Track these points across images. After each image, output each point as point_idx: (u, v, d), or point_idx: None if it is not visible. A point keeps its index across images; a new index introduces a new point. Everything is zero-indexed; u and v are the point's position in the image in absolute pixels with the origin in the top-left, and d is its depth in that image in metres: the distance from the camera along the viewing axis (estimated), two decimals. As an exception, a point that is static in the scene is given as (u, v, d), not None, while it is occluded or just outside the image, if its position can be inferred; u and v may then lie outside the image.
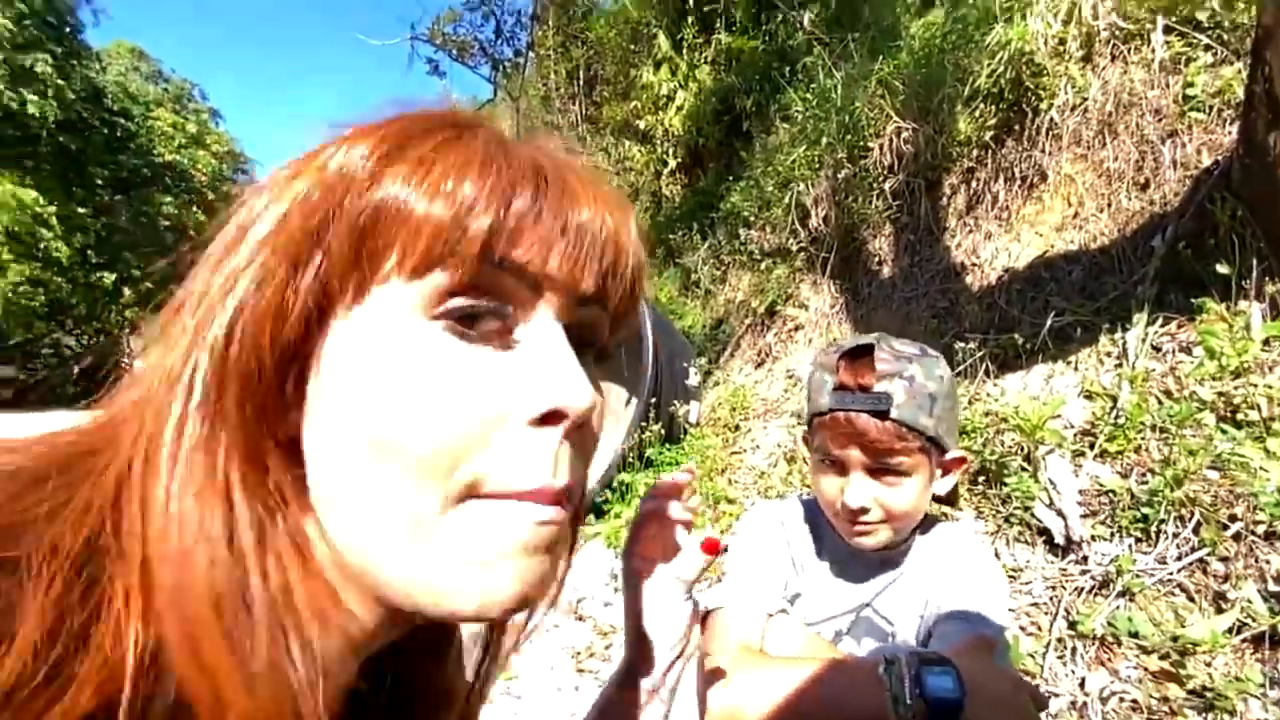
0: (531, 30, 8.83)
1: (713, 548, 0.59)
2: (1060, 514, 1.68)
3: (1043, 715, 0.74)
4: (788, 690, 0.73)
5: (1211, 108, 2.25)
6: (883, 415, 0.80)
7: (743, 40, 6.04)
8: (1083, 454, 1.80)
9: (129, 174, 13.32)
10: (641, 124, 6.93)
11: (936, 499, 0.92)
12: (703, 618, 0.91)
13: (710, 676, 0.81)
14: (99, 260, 12.82)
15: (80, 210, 11.94)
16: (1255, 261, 1.81)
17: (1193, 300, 1.92)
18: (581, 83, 8.34)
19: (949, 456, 0.87)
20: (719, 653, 0.83)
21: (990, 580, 0.87)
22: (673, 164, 6.81)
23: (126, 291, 13.68)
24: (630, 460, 2.96)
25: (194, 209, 14.97)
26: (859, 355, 0.84)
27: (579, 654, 1.95)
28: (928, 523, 0.95)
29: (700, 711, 0.80)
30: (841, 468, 0.86)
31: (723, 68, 6.29)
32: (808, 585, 0.96)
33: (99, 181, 12.49)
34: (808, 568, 0.97)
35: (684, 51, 6.57)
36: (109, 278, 13.05)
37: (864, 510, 0.84)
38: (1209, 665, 1.25)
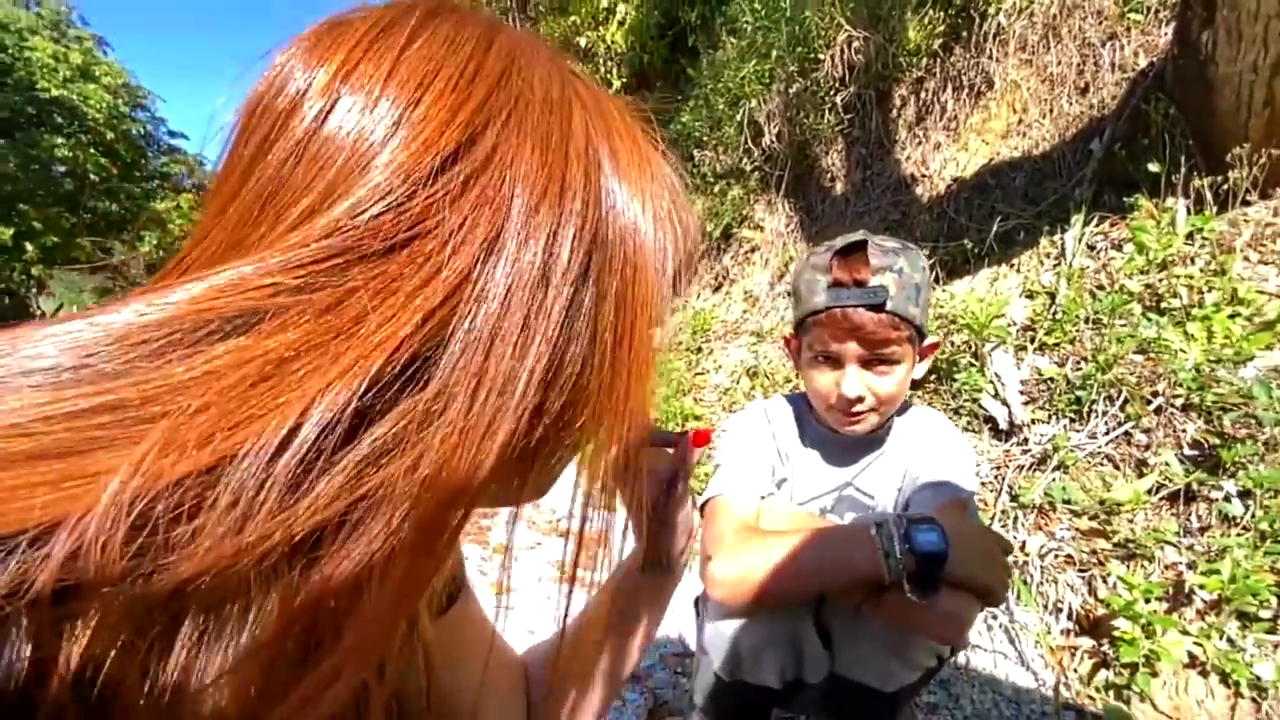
0: (456, -63, 8.10)
1: (703, 438, 0.63)
2: (1004, 403, 1.82)
3: (1009, 559, 0.85)
4: (787, 557, 0.81)
5: (1149, 8, 2.31)
6: (879, 308, 0.85)
7: (685, -54, 5.73)
8: (1024, 348, 1.94)
9: (11, 113, 11.94)
10: (582, 41, 6.57)
11: (911, 384, 1.00)
12: (701, 506, 0.98)
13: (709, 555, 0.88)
14: (-9, 213, 11.65)
15: (-42, 157, 10.71)
16: (1184, 159, 1.92)
17: (1125, 200, 2.03)
18: (515, -4, 7.80)
19: (926, 343, 0.94)
20: (718, 534, 0.90)
21: (959, 452, 0.96)
22: (617, 84, 6.54)
23: (29, 247, 12.54)
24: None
25: (91, 150, 13.60)
26: (852, 252, 0.88)
27: (564, 565, 2.05)
28: (903, 406, 1.03)
29: (704, 584, 0.88)
30: (836, 362, 0.91)
31: (665, -23, 5.98)
32: (794, 470, 1.03)
33: (-25, 122, 11.16)
34: (793, 455, 1.04)
35: (623, -40, 6.20)
36: (5, 232, 11.89)
37: (859, 399, 0.90)
38: (1131, 521, 1.42)
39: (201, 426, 0.24)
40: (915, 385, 1.05)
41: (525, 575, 2.00)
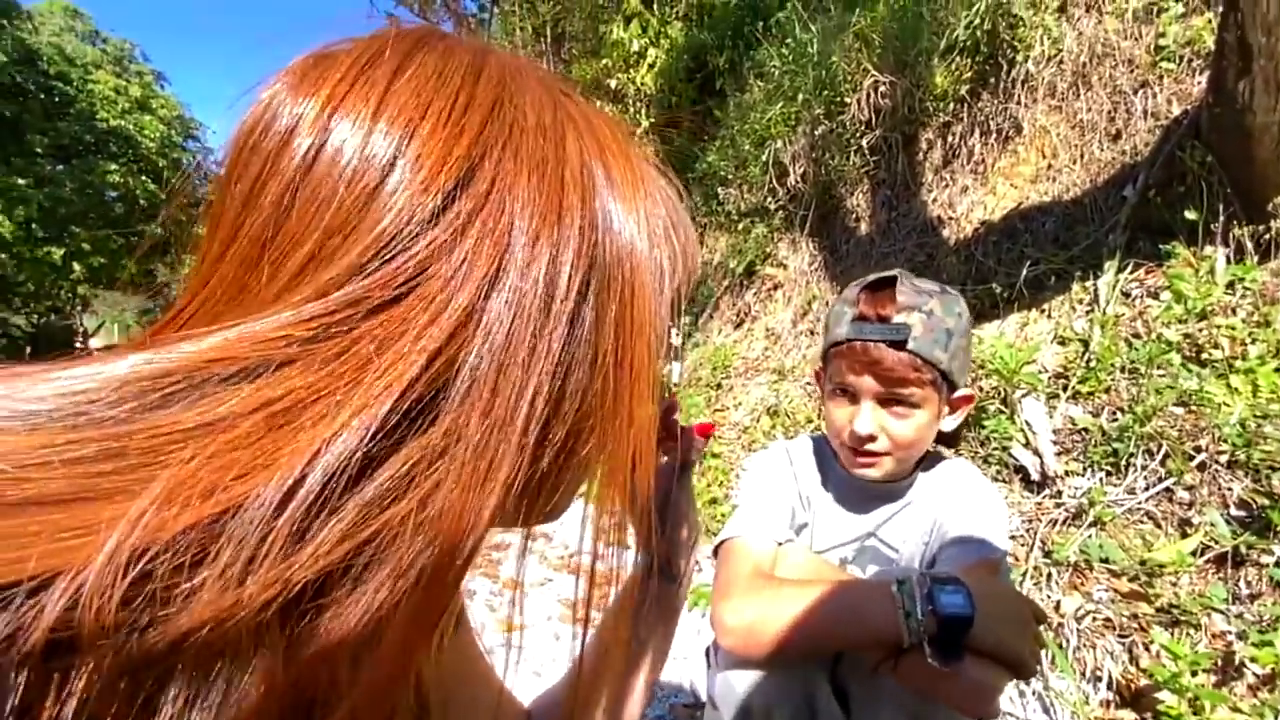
0: (495, -16, 8.50)
1: (706, 430, 0.61)
2: (1036, 452, 1.75)
3: (1041, 628, 0.79)
4: (802, 608, 0.77)
5: (1182, 58, 2.29)
6: (899, 345, 0.83)
7: (714, -6, 5.90)
8: (1057, 396, 1.87)
9: (70, 141, 12.63)
10: (612, 83, 6.76)
11: (940, 438, 0.96)
12: (716, 547, 0.94)
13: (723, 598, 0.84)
14: (44, 234, 12.19)
15: (20, 181, 11.29)
16: (1222, 208, 1.88)
17: (1161, 247, 1.98)
18: (549, 40, 8.08)
19: (957, 394, 0.91)
20: (731, 578, 0.86)
21: (992, 508, 0.91)
22: (645, 124, 6.69)
23: (76, 266, 13.10)
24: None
25: (142, 177, 14.27)
26: (880, 287, 0.87)
27: (575, 604, 2.00)
28: (931, 459, 0.98)
29: (714, 629, 0.84)
30: (853, 396, 0.88)
31: (694, 23, 6.15)
32: (815, 516, 0.99)
33: (39, 150, 11.81)
34: (815, 500, 1.00)
35: (654, 7, 6.40)
36: (57, 252, 12.44)
37: (871, 438, 0.87)
38: (1175, 585, 1.34)
39: (205, 477, 0.23)
40: (948, 441, 1.00)
41: (535, 613, 1.95)
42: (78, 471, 0.22)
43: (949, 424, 0.93)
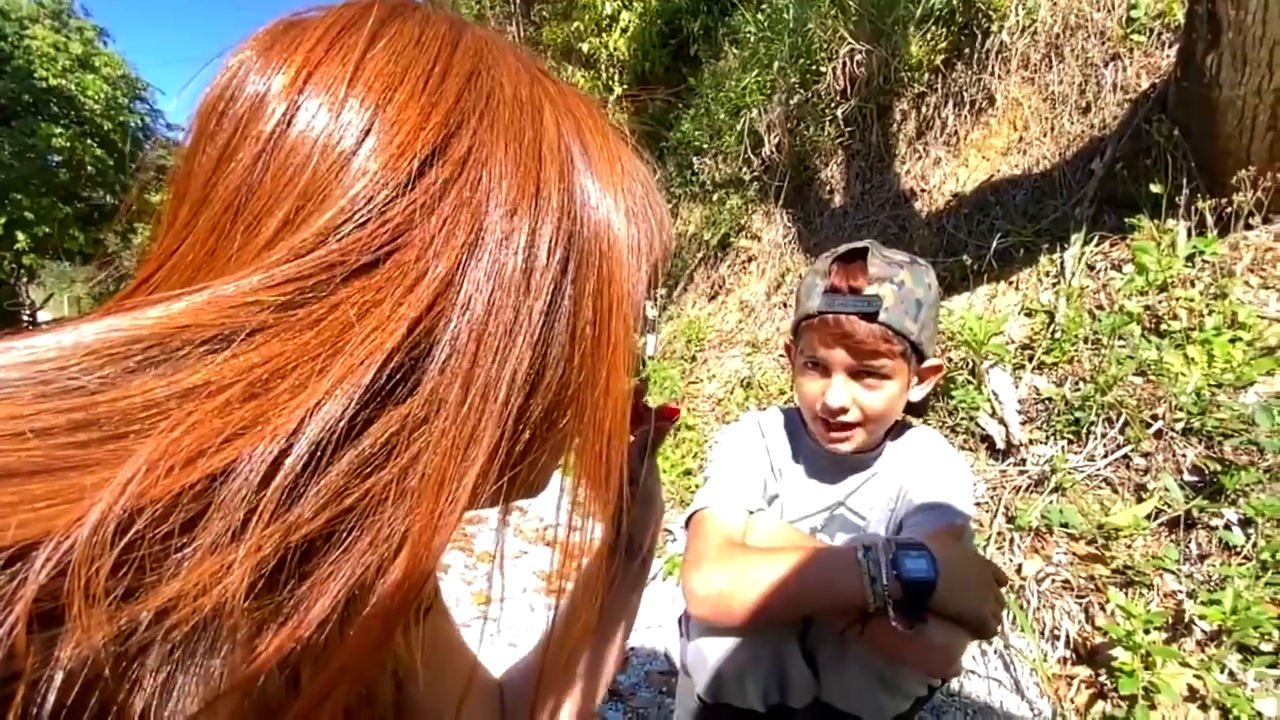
0: (462, -60, 8.13)
1: (672, 413, 0.62)
2: (1002, 422, 1.79)
3: (1002, 590, 0.81)
4: (770, 577, 0.77)
5: (1153, 30, 2.31)
6: (871, 317, 0.82)
7: (690, -44, 5.74)
8: (1023, 366, 1.91)
9: (7, 101, 11.86)
10: (584, 47, 6.58)
11: (909, 408, 0.96)
12: (688, 518, 0.94)
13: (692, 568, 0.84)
14: (-18, 200, 11.53)
15: (-48, 143, 10.62)
16: (1185, 181, 1.91)
17: (1126, 220, 2.02)
18: (519, 1, 7.80)
19: (926, 364, 0.91)
20: (702, 548, 0.86)
21: (957, 476, 0.92)
22: (618, 90, 6.54)
23: (20, 236, 12.43)
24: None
25: (88, 140, 13.52)
26: (851, 259, 0.86)
27: (550, 576, 2.00)
28: (899, 428, 0.99)
29: (684, 598, 0.84)
30: (825, 369, 0.88)
31: (669, -13, 5.99)
32: (786, 487, 1.00)
33: (-30, 109, 11.08)
34: (786, 471, 1.00)
35: (628, -32, 6.21)
36: (-3, 220, 11.79)
37: (843, 410, 0.87)
38: (1130, 547, 1.39)
39: (189, 444, 0.23)
40: (916, 411, 1.01)
41: (511, 586, 1.96)
42: (51, 442, 0.22)
43: (917, 394, 0.94)
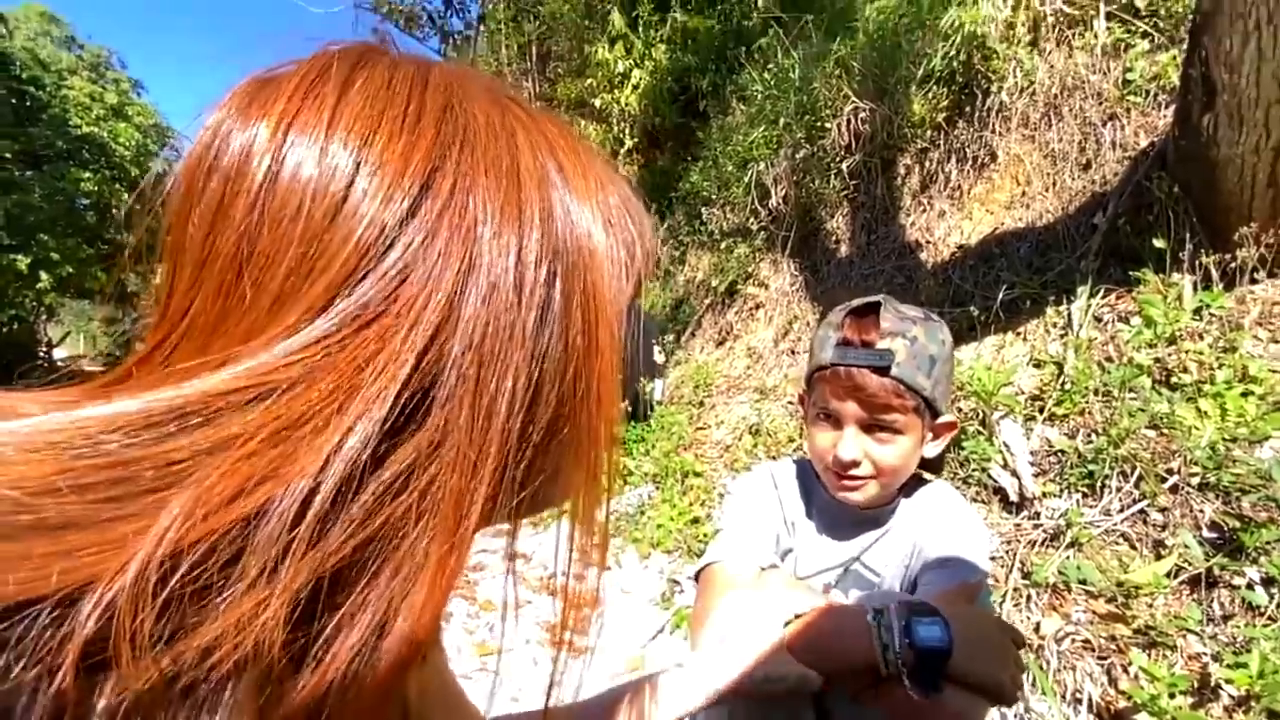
0: (482, 2, 8.56)
1: None
2: (1014, 473, 1.77)
3: (1021, 652, 0.79)
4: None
5: (1149, 92, 2.38)
6: (883, 371, 0.82)
7: (698, 20, 6.01)
8: (1033, 418, 1.90)
9: (41, 147, 12.33)
10: (597, 102, 6.83)
11: (923, 464, 0.95)
12: (697, 573, 0.93)
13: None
14: (11, 241, 11.84)
15: (-14, 187, 11.01)
16: (1188, 236, 1.94)
17: (1131, 273, 2.04)
18: (534, 58, 8.16)
19: (940, 421, 0.89)
20: (710, 605, 0.84)
21: (973, 532, 0.91)
22: (629, 144, 6.76)
23: (43, 275, 12.73)
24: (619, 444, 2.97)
25: (116, 185, 13.98)
26: (864, 313, 0.86)
27: (554, 628, 1.96)
28: (913, 484, 0.97)
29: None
30: (836, 422, 0.88)
31: (678, 47, 6.25)
32: (799, 541, 0.98)
33: (7, 156, 11.51)
34: (799, 525, 0.99)
35: (639, 29, 6.50)
36: (22, 260, 12.08)
37: (854, 463, 0.86)
38: (1151, 606, 1.35)
39: (222, 490, 0.24)
40: (932, 468, 1.00)
41: (513, 636, 1.91)
42: (89, 498, 0.23)
43: (932, 450, 0.92)
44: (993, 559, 1.62)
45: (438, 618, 0.30)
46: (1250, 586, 1.28)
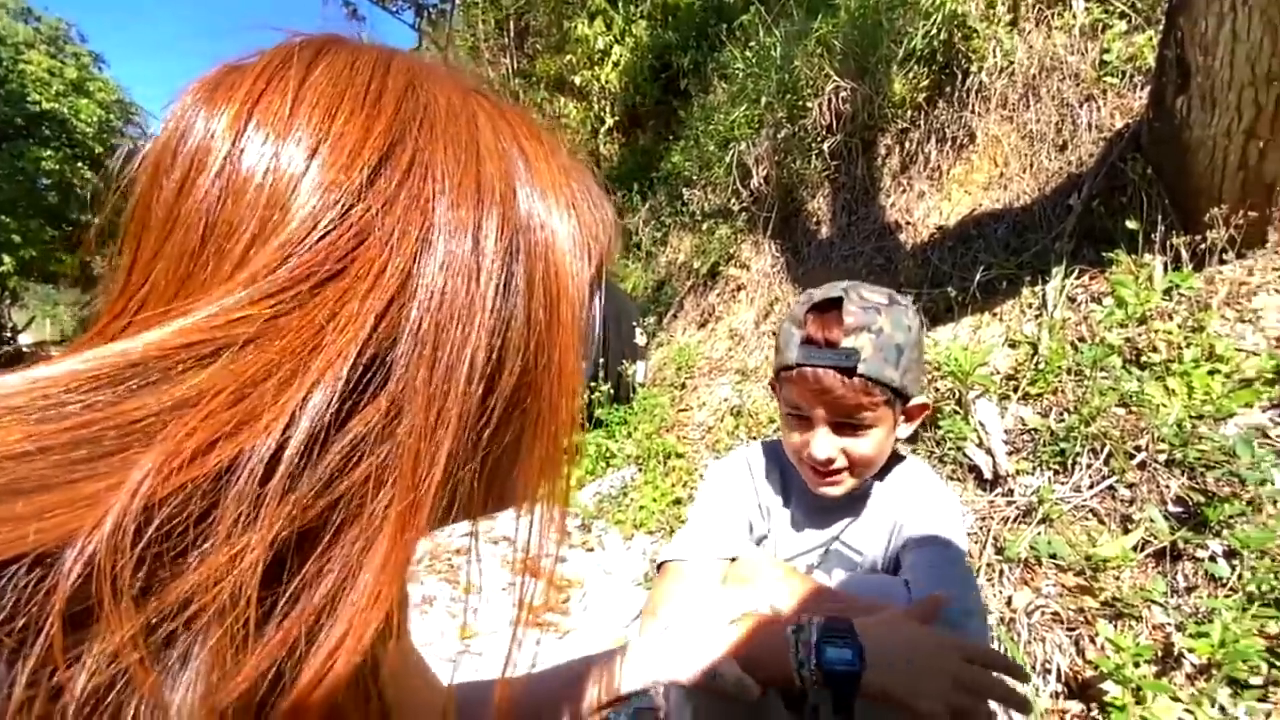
0: (458, -24, 8.34)
1: None
2: (989, 452, 1.80)
3: (1006, 679, 0.74)
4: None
5: (1124, 73, 2.39)
6: (849, 372, 0.80)
7: (679, -5, 5.92)
8: (1008, 397, 1.94)
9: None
10: (577, 79, 6.71)
11: (901, 441, 0.96)
12: (659, 564, 0.93)
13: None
14: (-32, 222, 11.43)
15: (-61, 165, 10.56)
16: (1160, 218, 1.97)
17: (1104, 254, 2.07)
18: (512, 34, 7.97)
19: (912, 403, 0.90)
20: (662, 601, 0.85)
21: (949, 510, 0.92)
22: (610, 122, 6.67)
23: (5, 259, 12.31)
24: (579, 420, 2.96)
25: (79, 164, 13.50)
26: (827, 308, 0.84)
27: (535, 609, 1.97)
28: (890, 462, 0.98)
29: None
30: (807, 421, 0.87)
31: (659, 23, 6.15)
32: (777, 525, 0.99)
33: (-40, 132, 11.04)
34: (775, 510, 1.00)
35: (619, 5, 6.38)
36: (-18, 242, 11.68)
37: (830, 461, 0.86)
38: (1118, 579, 1.39)
39: (192, 446, 0.25)
40: (907, 440, 1.01)
41: (495, 619, 1.92)
42: (56, 459, 0.23)
43: (905, 431, 0.93)
44: (969, 535, 1.66)
45: (400, 578, 0.30)
46: (1213, 559, 1.32)
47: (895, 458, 1.00)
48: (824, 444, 0.85)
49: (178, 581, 0.24)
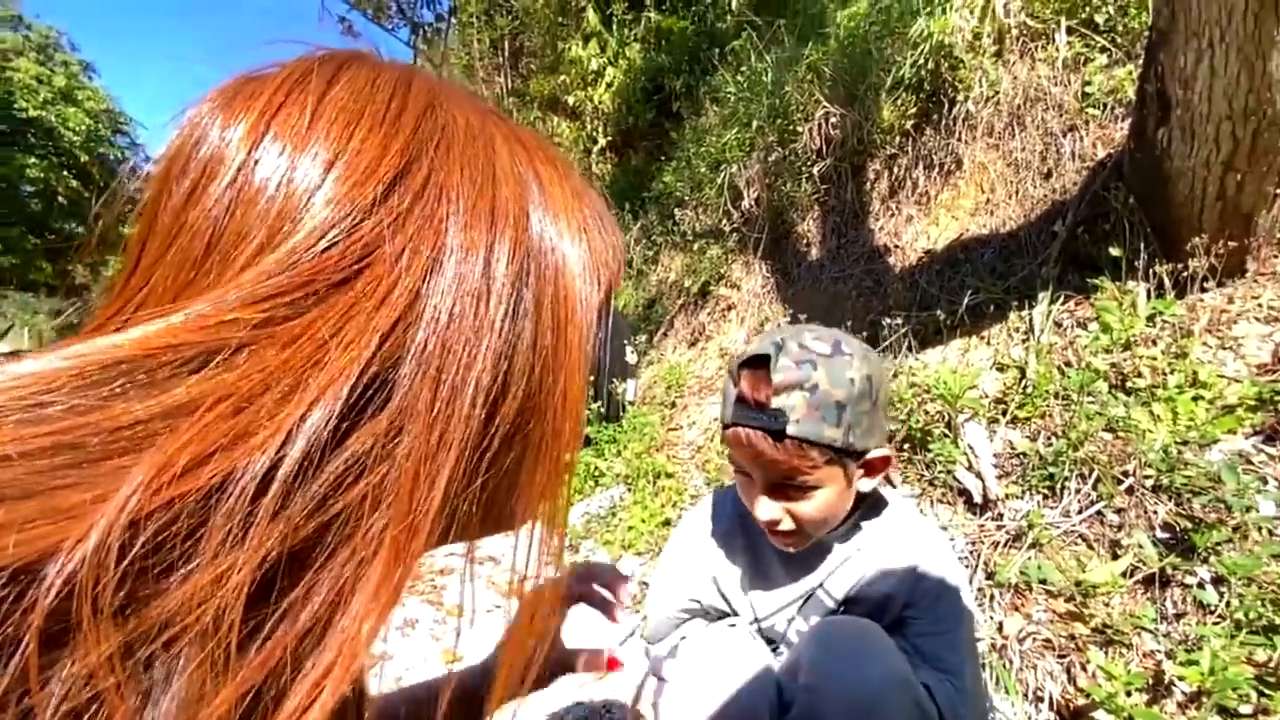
0: (453, -5, 8.43)
1: (612, 665, 0.66)
2: (978, 475, 1.81)
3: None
4: None
5: (1106, 105, 2.46)
6: (778, 435, 0.75)
7: (672, 20, 6.02)
8: (997, 420, 1.95)
9: (-18, 131, 11.73)
10: (570, 100, 6.79)
11: (862, 496, 0.89)
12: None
13: None
14: (-53, 229, 11.24)
15: (-79, 171, 10.40)
16: (1143, 246, 2.01)
17: (1089, 280, 2.10)
18: (507, 53, 8.06)
19: (872, 456, 0.82)
20: None
21: (951, 569, 0.88)
22: (602, 142, 6.73)
23: (-17, 265, 12.11)
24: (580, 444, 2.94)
25: (65, 172, 13.36)
26: (757, 365, 0.78)
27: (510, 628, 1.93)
28: (873, 504, 0.93)
29: None
30: (751, 480, 0.82)
31: (652, 46, 6.25)
32: (754, 575, 0.95)
33: (-56, 138, 10.91)
34: (747, 564, 0.96)
35: (613, 27, 6.48)
36: (-40, 249, 11.48)
37: (774, 522, 0.82)
38: (1107, 605, 1.39)
39: (183, 460, 0.24)
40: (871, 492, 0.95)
41: (481, 641, 1.88)
42: (39, 464, 0.22)
43: (866, 485, 0.86)
44: (959, 559, 1.65)
45: (393, 605, 0.30)
46: (1201, 585, 1.33)
47: (879, 501, 0.94)
48: (764, 507, 0.80)
49: (159, 601, 0.23)
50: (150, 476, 0.23)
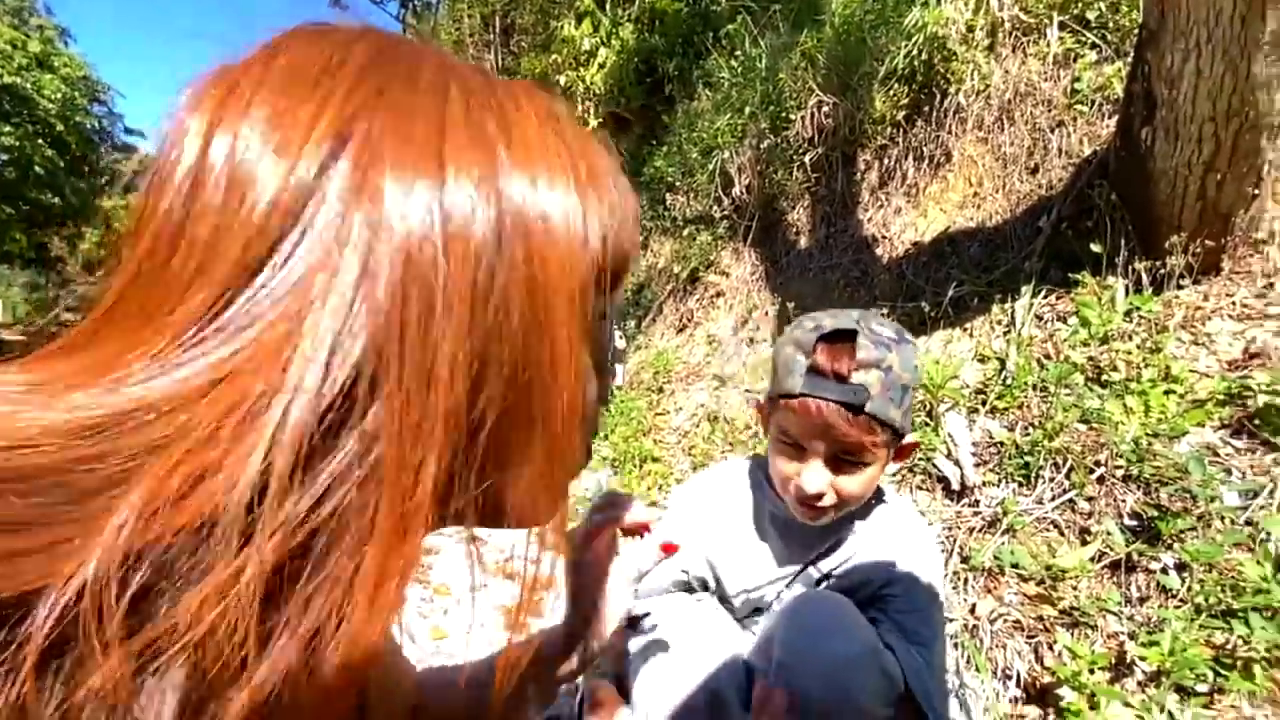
0: (444, -31, 8.26)
1: (670, 549, 0.65)
2: (957, 463, 1.86)
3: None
4: None
5: (1094, 102, 2.49)
6: (857, 409, 0.77)
7: (666, 1, 5.95)
8: (976, 410, 1.99)
9: (-48, 96, 11.35)
10: (561, 79, 6.70)
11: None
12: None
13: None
14: (-84, 197, 10.91)
15: (-113, 136, 10.06)
16: (1124, 242, 2.05)
17: (1070, 275, 2.15)
18: (498, 30, 7.93)
19: (906, 441, 0.87)
20: None
21: (930, 558, 0.93)
22: (594, 123, 6.66)
23: (-46, 235, 11.78)
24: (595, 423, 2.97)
25: (39, 140, 12.99)
26: (839, 339, 0.79)
27: (510, 611, 1.96)
28: (872, 496, 0.96)
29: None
30: (801, 451, 0.84)
31: (646, 28, 6.18)
32: (744, 552, 0.99)
33: (-88, 102, 10.55)
34: (742, 537, 0.99)
35: (606, 7, 6.39)
36: (-69, 218, 11.16)
37: (819, 495, 0.83)
38: (1075, 589, 1.45)
39: (172, 489, 0.24)
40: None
41: (467, 619, 1.91)
42: (33, 500, 0.23)
43: (892, 468, 0.91)
44: (936, 543, 1.70)
45: (398, 593, 0.30)
46: (1165, 571, 1.39)
47: (877, 492, 0.98)
48: (816, 478, 0.82)
49: (162, 622, 0.24)
50: (140, 507, 0.24)
